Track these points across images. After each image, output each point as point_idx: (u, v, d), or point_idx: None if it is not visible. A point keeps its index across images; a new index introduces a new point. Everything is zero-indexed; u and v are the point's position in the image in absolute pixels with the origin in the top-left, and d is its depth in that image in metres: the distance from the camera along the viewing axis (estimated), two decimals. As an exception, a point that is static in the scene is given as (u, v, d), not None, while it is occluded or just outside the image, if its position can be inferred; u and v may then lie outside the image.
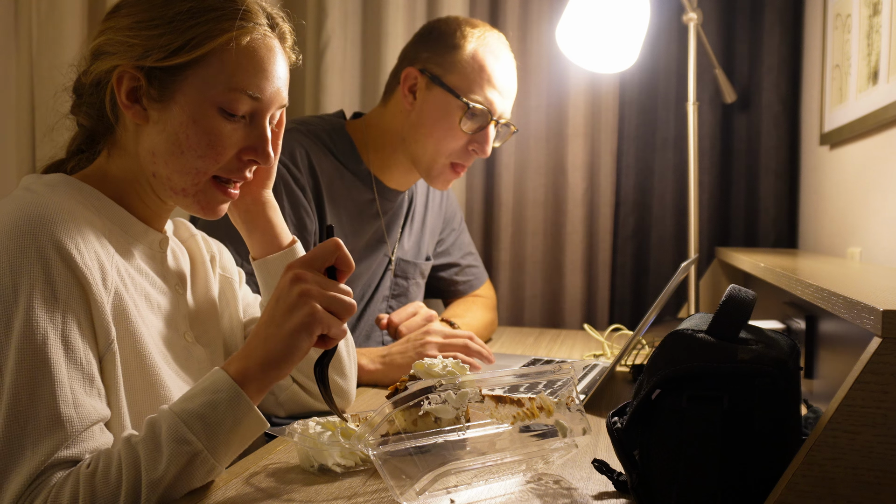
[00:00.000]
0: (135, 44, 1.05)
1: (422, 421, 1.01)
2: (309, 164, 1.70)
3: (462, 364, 1.11)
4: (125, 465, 0.91)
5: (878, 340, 0.83)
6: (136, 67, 1.05)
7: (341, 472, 1.04)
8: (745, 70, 2.43)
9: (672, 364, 0.90)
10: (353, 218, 1.79)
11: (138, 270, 1.10)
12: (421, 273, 1.98)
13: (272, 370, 0.98)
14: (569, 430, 1.02)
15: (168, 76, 1.05)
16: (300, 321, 0.98)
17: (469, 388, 0.99)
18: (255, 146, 1.10)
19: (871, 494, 0.81)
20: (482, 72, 1.71)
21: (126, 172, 1.10)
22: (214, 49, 1.05)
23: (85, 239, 0.98)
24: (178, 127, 1.05)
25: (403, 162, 1.80)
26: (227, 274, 1.31)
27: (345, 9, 2.47)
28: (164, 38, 1.04)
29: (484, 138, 1.73)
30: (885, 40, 1.67)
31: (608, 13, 2.04)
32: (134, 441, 0.93)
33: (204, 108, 1.05)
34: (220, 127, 1.07)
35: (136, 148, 1.09)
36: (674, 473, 0.89)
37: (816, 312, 1.49)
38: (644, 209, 2.49)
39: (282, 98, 1.12)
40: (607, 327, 2.40)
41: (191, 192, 1.09)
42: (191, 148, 1.06)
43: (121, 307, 1.02)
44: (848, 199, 1.93)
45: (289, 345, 0.98)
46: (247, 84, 1.07)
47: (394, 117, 1.79)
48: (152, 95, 1.05)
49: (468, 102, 1.69)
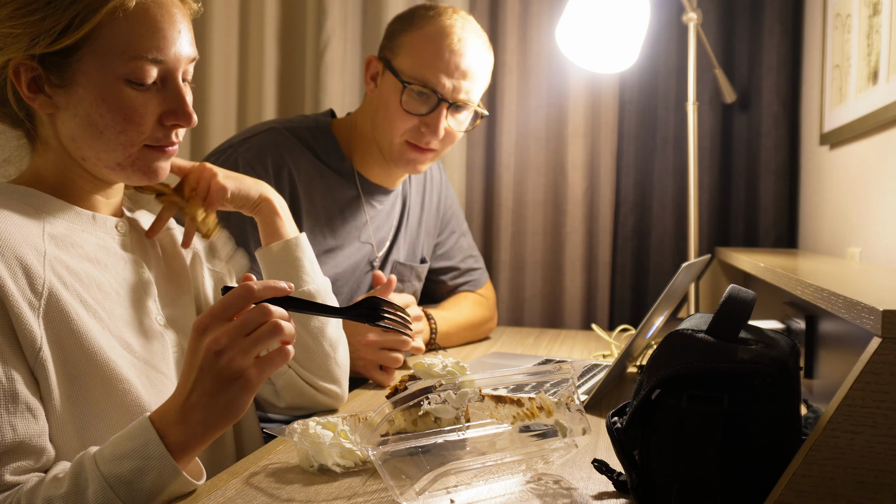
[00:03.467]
0: (19, 34, 1.00)
1: (421, 421, 1.01)
2: (279, 163, 1.70)
3: (462, 364, 1.11)
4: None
5: (878, 340, 0.83)
6: (29, 56, 1.01)
7: (341, 472, 1.04)
8: (745, 70, 2.43)
9: (672, 364, 0.90)
10: (335, 216, 1.78)
11: (89, 260, 1.07)
12: (417, 276, 1.97)
13: (212, 434, 0.94)
14: (569, 430, 1.02)
15: (63, 59, 1.01)
16: (236, 392, 0.92)
17: (469, 388, 0.99)
18: (173, 109, 1.07)
19: (871, 494, 0.81)
20: (426, 52, 1.70)
21: (57, 165, 1.08)
22: (101, 21, 1.00)
23: (4, 246, 0.95)
24: (89, 108, 1.02)
25: (380, 155, 1.80)
26: (217, 269, 1.31)
27: (345, 9, 2.47)
28: (47, 22, 0.99)
29: (432, 119, 1.71)
30: (885, 40, 1.67)
31: (608, 13, 2.04)
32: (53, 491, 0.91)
33: (109, 83, 1.02)
34: (132, 98, 1.03)
35: (56, 138, 1.06)
36: (674, 473, 0.89)
37: (816, 312, 1.49)
38: (644, 209, 2.49)
39: (188, 53, 1.08)
40: (608, 327, 2.41)
41: (126, 163, 1.07)
42: (107, 126, 1.03)
43: (58, 308, 0.99)
44: (848, 199, 1.93)
45: (230, 410, 0.92)
46: (145, 49, 1.02)
47: (366, 109, 1.81)
48: (53, 82, 1.02)
49: (405, 82, 1.69)
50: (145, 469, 0.91)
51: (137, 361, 1.07)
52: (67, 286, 1.01)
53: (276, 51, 2.53)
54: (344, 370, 1.35)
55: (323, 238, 1.75)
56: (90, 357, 1.01)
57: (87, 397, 1.01)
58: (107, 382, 1.02)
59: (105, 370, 1.02)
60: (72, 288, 1.02)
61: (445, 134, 1.74)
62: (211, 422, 0.93)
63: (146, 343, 1.10)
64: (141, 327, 1.10)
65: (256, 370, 0.93)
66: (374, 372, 1.53)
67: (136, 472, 0.91)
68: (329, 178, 1.78)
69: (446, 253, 2.08)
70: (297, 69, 2.56)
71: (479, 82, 1.76)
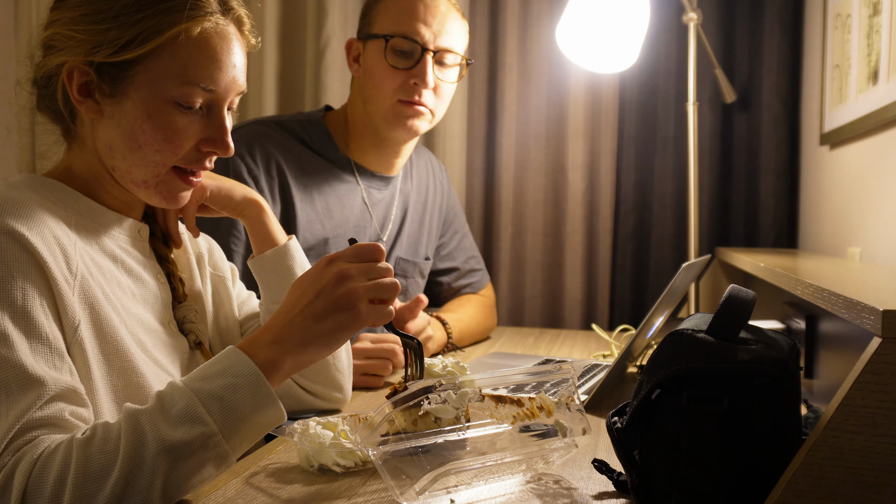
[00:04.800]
0: (82, 39, 1.01)
1: (422, 421, 1.01)
2: (267, 154, 1.72)
3: (462, 365, 1.11)
4: (125, 436, 0.85)
5: (878, 340, 0.83)
6: (86, 62, 1.02)
7: (341, 472, 1.04)
8: (745, 70, 2.43)
9: (672, 364, 0.90)
10: (333, 205, 1.79)
11: (112, 258, 1.07)
12: (420, 273, 1.98)
13: (303, 362, 0.96)
14: (569, 430, 1.02)
15: (118, 71, 1.02)
16: (344, 321, 0.96)
17: (469, 387, 0.99)
18: (213, 137, 1.08)
19: (871, 495, 0.81)
20: (401, 8, 1.73)
21: (88, 166, 1.08)
22: (163, 43, 1.01)
23: (42, 224, 0.96)
24: (133, 122, 1.03)
25: (374, 137, 1.81)
26: (219, 273, 1.30)
27: (345, 9, 2.47)
28: (112, 33, 1.00)
29: (419, 69, 1.72)
30: (885, 40, 1.67)
31: (608, 13, 2.04)
32: (138, 412, 0.87)
33: (157, 102, 1.03)
34: (176, 120, 1.04)
35: (94, 142, 1.07)
36: (674, 473, 0.89)
37: (816, 312, 1.49)
38: (644, 209, 2.49)
39: (238, 86, 1.09)
40: (608, 327, 2.41)
41: (152, 183, 1.07)
42: (147, 143, 1.04)
43: (89, 293, 0.99)
44: (848, 199, 1.93)
45: (329, 340, 0.96)
46: (199, 77, 1.04)
47: (356, 93, 1.83)
48: (104, 91, 1.03)
49: (387, 36, 1.72)
50: (237, 386, 0.89)
51: (149, 360, 1.07)
52: (93, 276, 1.02)
53: (276, 51, 2.53)
54: (346, 374, 1.34)
55: (322, 227, 1.76)
56: (114, 345, 1.01)
57: (108, 385, 1.00)
58: (125, 374, 1.02)
59: (125, 361, 1.02)
60: (96, 279, 1.02)
61: (436, 88, 1.75)
62: (308, 345, 0.95)
63: (158, 345, 1.10)
64: (154, 330, 1.11)
65: (366, 310, 0.96)
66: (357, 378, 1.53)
67: (228, 389, 0.89)
68: (323, 168, 1.79)
69: (449, 254, 2.08)
70: (297, 69, 2.56)
71: (457, 35, 1.78)
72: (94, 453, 0.84)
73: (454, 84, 1.81)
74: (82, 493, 0.82)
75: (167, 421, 0.86)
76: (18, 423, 0.85)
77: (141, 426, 0.86)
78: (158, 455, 0.85)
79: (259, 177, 1.69)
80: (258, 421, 0.91)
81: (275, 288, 1.26)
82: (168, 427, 0.86)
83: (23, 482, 0.82)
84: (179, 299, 1.18)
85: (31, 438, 0.85)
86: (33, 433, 0.85)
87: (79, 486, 0.82)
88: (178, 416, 0.87)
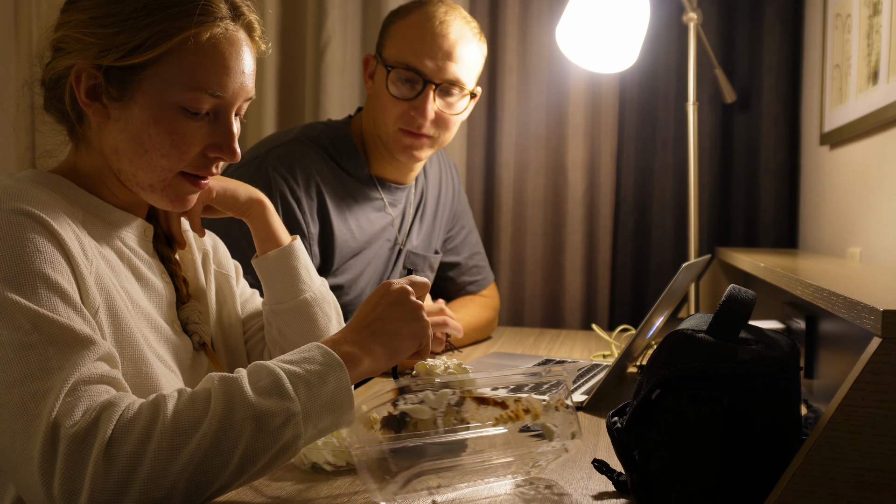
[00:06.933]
0: (91, 42, 1.01)
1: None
2: (307, 173, 1.73)
3: (464, 366, 1.11)
4: (216, 397, 0.85)
5: (878, 340, 0.83)
6: (95, 66, 1.02)
7: (331, 471, 1.04)
8: (745, 70, 2.43)
9: (672, 364, 0.90)
10: (363, 221, 1.82)
11: (119, 254, 1.08)
12: (430, 266, 1.99)
13: (377, 367, 0.98)
14: (556, 433, 1.00)
15: (126, 75, 1.02)
16: (417, 329, 1.02)
17: (455, 388, 0.97)
18: (220, 143, 1.07)
19: (871, 495, 0.81)
20: (409, 37, 1.73)
21: (94, 166, 1.08)
22: (172, 48, 1.01)
23: (55, 209, 0.96)
24: (139, 126, 1.03)
25: (388, 153, 1.81)
26: (223, 270, 1.29)
27: (345, 9, 2.47)
28: (121, 38, 1.00)
29: (419, 102, 1.72)
30: (885, 40, 1.67)
31: (608, 13, 2.04)
32: (226, 377, 0.88)
33: (165, 108, 1.03)
34: (183, 126, 1.04)
35: (100, 144, 1.07)
36: (674, 473, 0.89)
37: (816, 312, 1.49)
38: (644, 209, 2.49)
39: (247, 92, 1.09)
40: (608, 327, 2.41)
41: (158, 187, 1.07)
42: (154, 147, 1.03)
43: (103, 280, 0.99)
44: (848, 199, 1.93)
45: (403, 346, 1.01)
46: (207, 83, 1.03)
47: (368, 108, 1.84)
48: (112, 94, 1.03)
49: (389, 67, 1.72)
50: (324, 374, 0.90)
51: (152, 354, 1.07)
52: (102, 265, 1.02)
53: (276, 51, 2.52)
54: None
55: (354, 241, 1.80)
56: (127, 334, 1.01)
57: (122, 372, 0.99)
58: (136, 363, 1.02)
59: (136, 350, 1.02)
60: (105, 269, 1.02)
61: (438, 118, 1.74)
62: (385, 346, 0.99)
63: (162, 342, 1.10)
64: (159, 327, 1.11)
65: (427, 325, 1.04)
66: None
67: (317, 376, 0.90)
68: (353, 187, 1.81)
69: (455, 248, 2.09)
70: (298, 69, 2.56)
71: (467, 65, 1.76)
72: (183, 409, 0.84)
73: (460, 115, 1.80)
74: (169, 444, 0.82)
75: (256, 390, 0.87)
76: (76, 373, 0.84)
77: (231, 390, 0.86)
78: (246, 420, 0.85)
79: (301, 198, 1.70)
80: (335, 412, 0.91)
81: (278, 288, 1.26)
82: (258, 395, 0.86)
83: (108, 428, 0.82)
84: (183, 300, 1.18)
85: (93, 390, 0.85)
86: (94, 385, 0.85)
87: (167, 436, 0.82)
88: (265, 387, 0.87)
